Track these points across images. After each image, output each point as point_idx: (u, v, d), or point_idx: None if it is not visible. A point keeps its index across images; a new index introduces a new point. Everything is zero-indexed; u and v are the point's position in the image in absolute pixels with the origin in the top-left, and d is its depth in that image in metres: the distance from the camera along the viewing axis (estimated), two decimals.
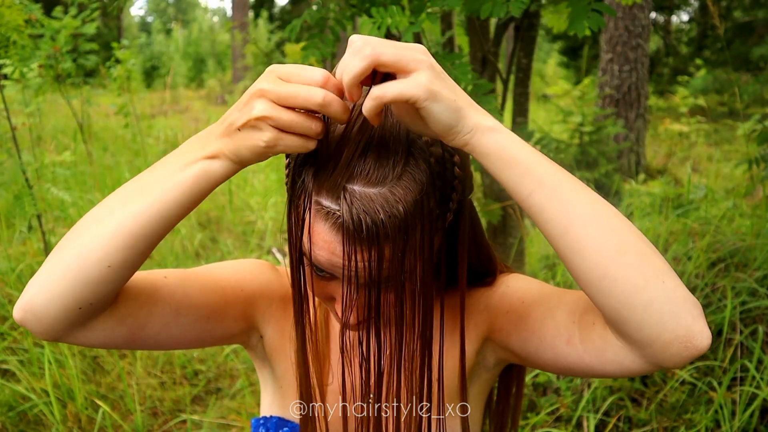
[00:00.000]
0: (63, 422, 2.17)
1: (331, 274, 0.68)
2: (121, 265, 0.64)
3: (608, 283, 0.58)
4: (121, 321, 0.70)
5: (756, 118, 4.09)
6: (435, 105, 0.57)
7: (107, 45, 6.91)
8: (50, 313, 0.64)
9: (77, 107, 4.87)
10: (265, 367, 0.90)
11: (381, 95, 0.56)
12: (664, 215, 3.18)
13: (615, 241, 0.59)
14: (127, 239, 0.63)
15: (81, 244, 0.64)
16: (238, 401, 2.40)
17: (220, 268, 0.84)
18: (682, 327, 0.58)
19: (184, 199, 0.63)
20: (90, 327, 0.68)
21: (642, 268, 0.58)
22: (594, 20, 1.31)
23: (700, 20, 12.67)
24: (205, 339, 0.81)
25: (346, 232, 0.62)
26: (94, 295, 0.64)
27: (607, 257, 0.58)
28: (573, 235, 0.59)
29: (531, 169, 0.60)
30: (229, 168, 0.63)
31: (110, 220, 0.64)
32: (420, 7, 1.42)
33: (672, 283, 0.58)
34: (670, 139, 7.44)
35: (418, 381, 0.69)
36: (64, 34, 4.21)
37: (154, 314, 0.73)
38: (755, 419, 1.87)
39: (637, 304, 0.58)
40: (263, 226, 4.25)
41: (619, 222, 0.60)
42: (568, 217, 0.59)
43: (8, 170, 4.05)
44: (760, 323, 2.09)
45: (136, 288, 0.72)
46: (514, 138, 0.61)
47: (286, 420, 0.85)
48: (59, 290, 0.63)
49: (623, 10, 5.85)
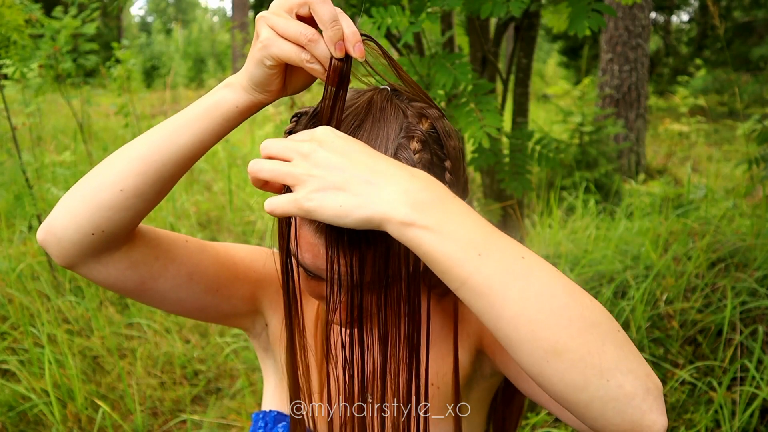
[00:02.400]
0: (63, 422, 2.17)
1: (318, 276, 0.68)
2: (133, 192, 0.66)
3: (543, 380, 0.54)
4: (135, 266, 0.72)
5: (756, 118, 4.09)
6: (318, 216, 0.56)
7: (107, 45, 6.92)
8: (67, 235, 0.67)
9: (77, 107, 4.87)
10: (268, 357, 0.91)
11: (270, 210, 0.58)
12: (664, 215, 3.18)
13: (549, 342, 0.53)
14: (139, 164, 0.66)
15: (99, 169, 0.68)
16: (238, 401, 2.40)
17: (236, 248, 0.86)
18: (628, 422, 0.53)
19: (197, 126, 0.66)
20: (104, 261, 0.70)
21: (580, 369, 0.53)
22: (594, 20, 1.31)
23: (700, 20, 12.67)
24: (210, 312, 0.82)
25: (328, 236, 0.63)
26: (107, 220, 0.67)
27: (541, 358, 0.53)
28: (502, 334, 0.54)
29: (450, 267, 0.54)
30: (241, 96, 0.65)
31: (128, 147, 0.67)
32: (420, 7, 1.42)
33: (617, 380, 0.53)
34: (670, 139, 7.44)
35: (405, 384, 0.69)
36: (64, 34, 4.21)
37: (169, 270, 0.75)
38: (755, 419, 1.87)
39: (575, 401, 0.54)
40: (263, 226, 4.25)
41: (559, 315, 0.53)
42: (496, 317, 0.54)
43: (8, 170, 4.05)
44: (760, 323, 2.09)
45: (157, 239, 0.75)
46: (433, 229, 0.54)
47: (284, 414, 0.86)
48: (76, 212, 0.67)
49: (623, 10, 5.85)
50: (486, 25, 2.09)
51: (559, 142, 2.07)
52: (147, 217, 4.11)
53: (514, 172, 1.88)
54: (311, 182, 0.57)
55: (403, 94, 0.70)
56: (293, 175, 0.57)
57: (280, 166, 0.58)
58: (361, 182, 0.56)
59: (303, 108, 0.72)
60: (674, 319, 2.27)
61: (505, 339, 0.55)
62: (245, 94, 0.65)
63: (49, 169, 4.16)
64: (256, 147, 6.39)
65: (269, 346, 0.90)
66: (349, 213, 0.55)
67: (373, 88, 0.70)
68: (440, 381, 0.80)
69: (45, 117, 6.04)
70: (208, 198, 4.91)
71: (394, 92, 0.70)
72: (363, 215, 0.55)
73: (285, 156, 0.59)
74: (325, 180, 0.56)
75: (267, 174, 0.58)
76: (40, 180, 3.58)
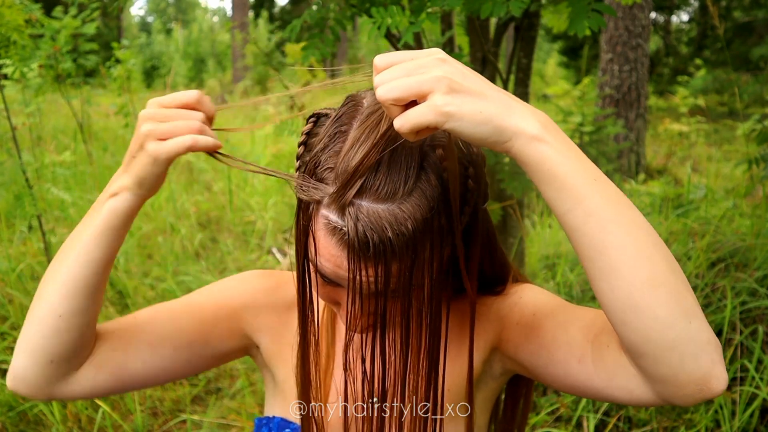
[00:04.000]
0: (63, 422, 2.17)
1: (336, 282, 0.67)
2: (71, 313, 0.68)
3: (634, 314, 0.55)
4: (100, 367, 0.74)
5: (756, 118, 4.09)
6: (456, 124, 0.55)
7: (107, 45, 6.91)
8: (30, 372, 0.70)
9: (77, 107, 4.87)
10: (267, 372, 0.91)
11: (401, 125, 0.55)
12: (664, 215, 3.18)
13: (648, 273, 0.55)
14: (68, 288, 0.68)
15: (34, 303, 0.70)
16: (238, 401, 2.40)
17: (198, 293, 0.86)
18: (701, 370, 0.56)
19: (102, 241, 0.68)
20: (72, 380, 0.73)
21: (671, 305, 0.55)
22: (594, 20, 1.31)
23: (700, 20, 12.67)
24: (198, 364, 0.82)
25: (352, 249, 0.61)
26: (58, 346, 0.69)
27: (638, 289, 0.55)
28: (606, 260, 0.56)
29: (570, 186, 0.56)
30: (132, 199, 0.67)
31: (51, 275, 0.70)
32: (420, 7, 1.42)
33: (698, 324, 0.55)
34: (670, 139, 7.44)
35: (424, 392, 0.69)
36: (64, 34, 4.21)
37: (130, 354, 0.76)
38: (755, 419, 1.87)
39: (659, 340, 0.55)
40: (263, 226, 4.24)
41: (657, 251, 0.56)
42: (603, 241, 0.56)
43: (8, 170, 4.05)
44: (760, 323, 2.09)
45: (107, 334, 0.76)
46: (557, 148, 0.57)
47: (288, 421, 0.85)
48: (30, 349, 0.69)
49: (623, 10, 5.85)
50: (486, 25, 2.09)
51: None
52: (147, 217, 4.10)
53: (514, 172, 1.88)
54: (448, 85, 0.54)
55: None
56: (430, 81, 0.54)
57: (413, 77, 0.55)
58: (495, 92, 0.57)
59: (322, 109, 0.71)
60: None
61: (607, 265, 0.56)
62: (136, 196, 0.67)
63: (49, 169, 4.16)
64: (257, 147, 6.39)
65: (265, 363, 0.89)
66: (489, 120, 0.55)
67: None
68: (451, 382, 0.80)
69: (45, 117, 6.04)
70: (208, 198, 4.91)
71: None
72: (501, 124, 0.55)
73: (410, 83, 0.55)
74: (462, 85, 0.55)
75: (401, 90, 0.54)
76: (40, 180, 3.58)
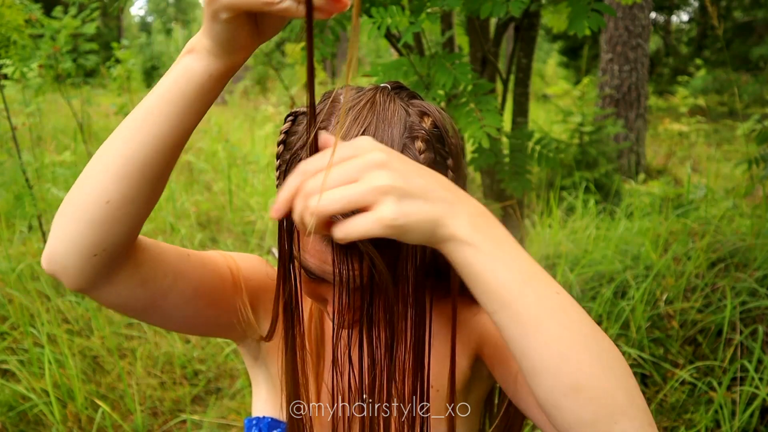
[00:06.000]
0: (63, 422, 2.17)
1: (322, 278, 0.68)
2: (121, 200, 0.60)
3: (559, 414, 0.56)
4: (144, 283, 0.68)
5: (755, 117, 4.09)
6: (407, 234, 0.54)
7: (107, 45, 6.92)
8: (70, 261, 0.62)
9: (77, 107, 4.87)
10: (258, 366, 0.90)
11: (344, 235, 0.54)
12: (664, 215, 3.18)
13: (572, 378, 0.55)
14: (118, 168, 0.59)
15: (81, 182, 0.61)
16: (238, 401, 2.40)
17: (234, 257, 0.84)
18: None
19: (171, 111, 0.58)
20: (114, 281, 0.66)
21: (593, 408, 0.55)
22: (594, 20, 1.31)
23: (700, 20, 12.67)
24: (211, 326, 0.80)
25: (337, 243, 0.62)
26: (103, 237, 0.61)
27: (559, 391, 0.55)
28: (529, 362, 0.56)
29: (494, 290, 0.55)
30: (210, 62, 0.57)
31: (102, 151, 0.60)
32: (420, 7, 1.42)
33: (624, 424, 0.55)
34: (670, 139, 7.44)
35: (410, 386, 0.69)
36: (64, 34, 4.21)
37: (178, 286, 0.72)
38: (755, 419, 1.87)
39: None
40: (263, 226, 4.24)
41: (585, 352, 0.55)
42: (527, 346, 0.56)
43: (8, 170, 4.05)
44: (760, 323, 2.09)
45: (163, 254, 0.71)
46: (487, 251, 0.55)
47: (279, 421, 0.85)
48: (72, 236, 0.61)
49: (623, 10, 5.85)
50: (486, 25, 2.09)
51: (559, 142, 2.07)
52: None
53: (514, 172, 1.88)
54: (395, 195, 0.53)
55: (403, 90, 0.69)
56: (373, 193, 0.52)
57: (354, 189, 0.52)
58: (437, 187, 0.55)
59: (299, 108, 0.70)
60: (674, 319, 2.27)
61: (530, 368, 0.56)
62: (215, 59, 0.57)
63: (49, 169, 4.17)
64: (257, 147, 6.39)
65: (260, 354, 0.88)
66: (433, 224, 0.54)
67: (374, 87, 0.70)
68: (439, 383, 0.81)
69: (45, 117, 6.04)
70: (208, 198, 4.91)
71: (394, 90, 0.70)
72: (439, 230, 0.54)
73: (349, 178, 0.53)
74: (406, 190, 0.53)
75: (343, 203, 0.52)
76: (40, 180, 3.58)
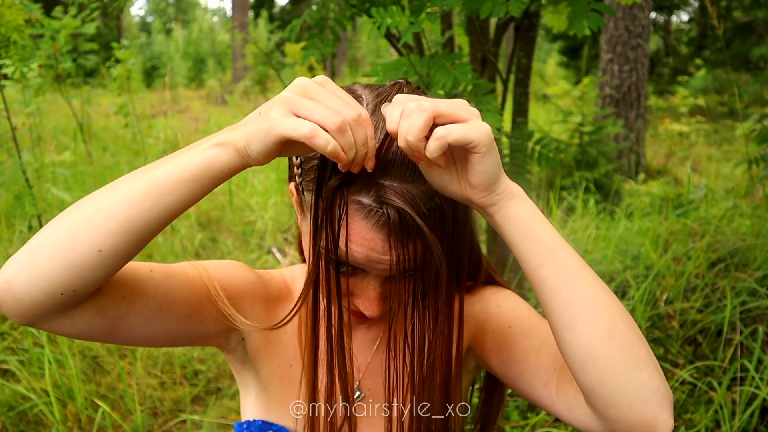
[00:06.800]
0: (63, 422, 2.17)
1: (354, 268, 0.69)
2: (112, 251, 0.60)
3: (590, 361, 0.61)
4: (101, 311, 0.66)
5: (756, 118, 4.09)
6: (490, 155, 0.59)
7: (107, 45, 6.92)
8: (30, 296, 0.59)
9: (77, 107, 4.87)
10: (246, 369, 0.89)
11: (445, 135, 0.57)
12: (664, 215, 3.18)
13: (606, 325, 0.61)
14: (120, 224, 0.59)
15: (72, 224, 0.59)
16: (238, 401, 2.40)
17: (206, 266, 0.82)
18: (648, 415, 0.61)
19: (184, 188, 0.60)
20: (69, 315, 0.64)
21: (624, 355, 0.61)
22: (594, 20, 1.31)
23: (700, 20, 12.67)
24: (182, 338, 0.78)
25: (392, 228, 0.64)
26: (79, 281, 0.60)
27: (596, 338, 0.61)
28: (571, 311, 0.62)
29: (545, 243, 0.63)
30: (235, 159, 0.60)
31: (105, 203, 0.60)
32: (420, 7, 1.42)
33: (648, 373, 0.61)
34: (670, 139, 7.44)
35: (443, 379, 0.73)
36: (64, 34, 4.21)
37: (137, 307, 0.69)
38: (755, 419, 1.87)
39: (612, 385, 0.61)
40: (263, 226, 4.24)
41: (613, 306, 0.63)
42: (571, 294, 0.62)
43: (8, 170, 4.05)
44: (760, 323, 2.09)
45: (121, 278, 0.68)
46: (534, 209, 0.64)
47: (270, 423, 0.85)
48: (42, 272, 0.59)
49: (623, 10, 5.85)
50: (486, 25, 2.09)
51: (559, 142, 2.07)
52: None
53: (514, 172, 1.88)
54: None
55: (411, 86, 0.72)
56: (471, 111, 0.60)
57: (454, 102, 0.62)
58: None
59: None
60: (674, 319, 2.27)
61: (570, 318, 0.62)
62: (240, 158, 0.60)
63: (49, 169, 4.16)
64: None
65: (247, 358, 0.87)
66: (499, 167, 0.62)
67: (392, 83, 0.71)
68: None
69: (45, 117, 6.04)
70: (207, 198, 4.91)
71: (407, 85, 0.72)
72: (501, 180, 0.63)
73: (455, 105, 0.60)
74: None
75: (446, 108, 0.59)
76: (40, 180, 3.57)
